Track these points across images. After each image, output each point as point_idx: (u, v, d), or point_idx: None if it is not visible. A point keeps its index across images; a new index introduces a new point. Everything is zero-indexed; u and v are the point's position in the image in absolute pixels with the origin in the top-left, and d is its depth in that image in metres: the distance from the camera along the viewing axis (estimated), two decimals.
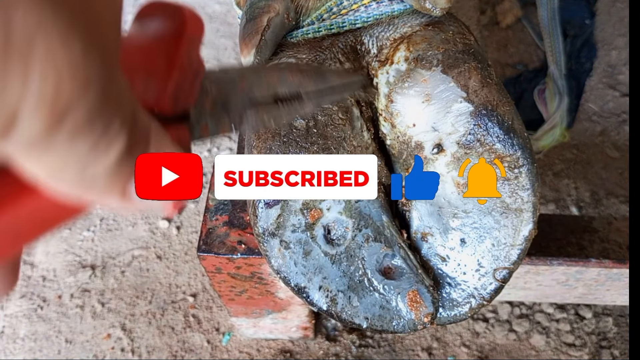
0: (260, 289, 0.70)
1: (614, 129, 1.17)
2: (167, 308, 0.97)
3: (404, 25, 0.52)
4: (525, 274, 0.70)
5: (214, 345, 0.93)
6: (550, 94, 1.17)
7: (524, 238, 0.48)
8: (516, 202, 0.47)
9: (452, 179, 0.49)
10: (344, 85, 0.32)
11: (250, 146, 0.51)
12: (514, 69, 1.28)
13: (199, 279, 1.00)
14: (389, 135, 0.52)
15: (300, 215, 0.48)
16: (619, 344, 0.91)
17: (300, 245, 0.48)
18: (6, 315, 0.97)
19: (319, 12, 0.52)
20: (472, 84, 0.47)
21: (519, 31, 1.34)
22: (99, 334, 0.94)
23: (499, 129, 0.46)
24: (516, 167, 0.47)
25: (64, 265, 1.02)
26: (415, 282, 0.48)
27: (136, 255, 1.03)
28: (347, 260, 0.49)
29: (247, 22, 0.52)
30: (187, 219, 1.07)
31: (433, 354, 0.91)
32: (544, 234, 0.68)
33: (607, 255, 0.66)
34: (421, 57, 0.49)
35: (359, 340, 0.92)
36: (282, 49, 0.54)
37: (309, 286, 0.48)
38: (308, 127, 0.49)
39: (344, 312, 0.48)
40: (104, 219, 1.08)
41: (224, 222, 0.64)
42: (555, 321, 0.93)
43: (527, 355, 0.91)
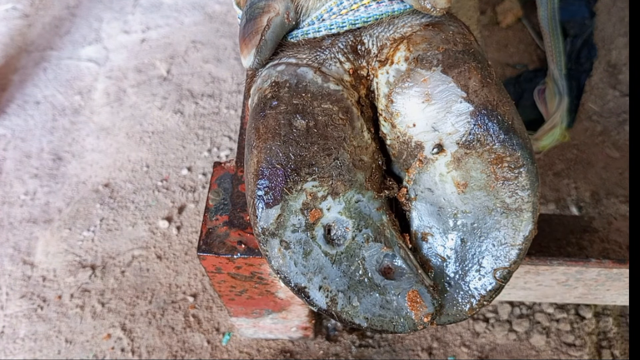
0: (260, 289, 0.70)
1: (614, 129, 1.17)
2: (167, 308, 0.97)
3: (404, 25, 0.52)
4: (525, 274, 0.70)
5: (214, 345, 0.93)
6: (550, 94, 1.17)
7: (524, 238, 0.48)
8: (516, 202, 0.47)
9: (452, 179, 0.49)
10: None
11: (250, 146, 0.51)
12: (514, 69, 1.28)
13: (199, 279, 1.00)
14: (389, 135, 0.52)
15: (300, 215, 0.48)
16: (619, 344, 0.91)
17: (301, 245, 0.48)
18: (6, 315, 0.97)
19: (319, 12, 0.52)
20: (472, 84, 0.47)
21: (519, 31, 1.34)
22: (99, 334, 0.94)
23: (499, 129, 0.46)
24: (516, 167, 0.46)
25: (64, 265, 1.02)
26: (415, 282, 0.48)
27: (136, 255, 1.03)
28: (347, 261, 0.49)
29: (247, 22, 0.52)
30: (187, 219, 1.07)
31: (433, 354, 0.91)
32: (544, 234, 0.68)
33: (607, 255, 0.66)
34: (421, 57, 0.49)
35: (359, 340, 0.92)
36: (282, 49, 0.54)
37: (309, 286, 0.48)
38: (308, 127, 0.49)
39: (344, 312, 0.48)
40: (104, 219, 1.08)
41: (224, 222, 0.64)
42: (555, 321, 0.93)
43: (527, 355, 0.91)
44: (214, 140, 1.19)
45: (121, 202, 1.10)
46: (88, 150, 1.18)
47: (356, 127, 0.51)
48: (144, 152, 1.18)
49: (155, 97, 1.27)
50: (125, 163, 1.16)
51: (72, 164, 1.16)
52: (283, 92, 0.50)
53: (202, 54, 1.35)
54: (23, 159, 1.17)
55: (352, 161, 0.50)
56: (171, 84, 1.29)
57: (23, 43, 1.38)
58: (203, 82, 1.29)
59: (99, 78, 1.31)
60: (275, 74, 0.52)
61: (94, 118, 1.24)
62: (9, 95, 1.28)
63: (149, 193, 1.11)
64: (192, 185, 1.12)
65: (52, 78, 1.31)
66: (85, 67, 1.33)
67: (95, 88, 1.29)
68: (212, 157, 1.16)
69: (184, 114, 1.24)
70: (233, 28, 1.40)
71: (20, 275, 1.01)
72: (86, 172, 1.15)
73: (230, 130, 1.21)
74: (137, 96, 1.27)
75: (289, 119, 0.49)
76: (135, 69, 1.32)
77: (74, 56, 1.35)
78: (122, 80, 1.30)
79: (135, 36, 1.39)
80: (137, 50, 1.36)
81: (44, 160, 1.17)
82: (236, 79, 1.29)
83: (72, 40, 1.38)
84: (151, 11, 1.44)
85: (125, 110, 1.25)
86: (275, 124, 0.49)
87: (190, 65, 1.32)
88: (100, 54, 1.36)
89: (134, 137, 1.20)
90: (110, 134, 1.21)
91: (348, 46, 0.53)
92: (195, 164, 1.15)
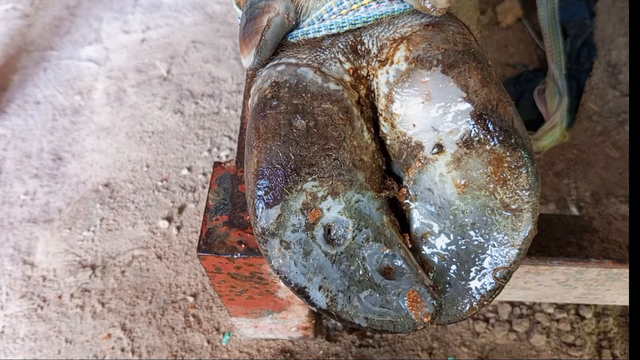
0: (260, 289, 0.70)
1: (614, 129, 1.17)
2: (167, 308, 0.97)
3: (404, 25, 0.52)
4: (525, 274, 0.70)
5: (214, 345, 0.93)
6: (550, 94, 1.17)
7: (523, 238, 0.48)
8: (516, 202, 0.47)
9: (452, 179, 0.49)
10: None
11: (250, 146, 0.51)
12: (514, 69, 1.28)
13: (199, 279, 1.00)
14: (389, 135, 0.52)
15: (300, 215, 0.48)
16: (619, 344, 0.91)
17: (301, 245, 0.48)
18: (6, 315, 0.97)
19: (319, 12, 0.52)
20: (472, 84, 0.47)
21: (519, 31, 1.34)
22: (99, 334, 0.94)
23: (499, 129, 0.46)
24: (516, 167, 0.46)
25: (64, 265, 1.02)
26: (415, 282, 0.48)
27: (136, 255, 1.03)
28: (347, 261, 0.49)
29: (247, 22, 0.52)
30: (187, 219, 1.07)
31: (433, 354, 0.91)
32: (544, 234, 0.68)
33: (607, 255, 0.66)
34: (421, 57, 0.49)
35: (359, 340, 0.92)
36: (282, 49, 0.54)
37: (309, 286, 0.48)
38: (308, 127, 0.49)
39: (344, 312, 0.48)
40: (104, 219, 1.08)
41: (224, 222, 0.64)
42: (555, 321, 0.93)
43: (527, 355, 0.91)
44: (214, 140, 1.19)
45: (121, 202, 1.10)
46: (88, 150, 1.18)
47: (356, 127, 0.51)
48: (144, 152, 1.18)
49: (155, 97, 1.27)
50: (125, 163, 1.16)
51: (72, 164, 1.16)
52: (283, 92, 0.50)
53: (202, 54, 1.35)
54: (23, 159, 1.17)
55: (352, 161, 0.49)
56: (171, 84, 1.29)
57: (23, 43, 1.38)
58: (203, 82, 1.29)
59: (99, 78, 1.31)
60: (276, 74, 0.52)
61: (94, 118, 1.24)
62: (9, 95, 1.28)
63: (149, 193, 1.11)
64: (192, 185, 1.12)
65: (52, 78, 1.31)
66: (85, 67, 1.33)
67: (95, 88, 1.29)
68: (212, 157, 1.16)
69: (184, 114, 1.24)
70: (233, 28, 1.40)
71: (20, 275, 1.01)
72: (86, 172, 1.15)
73: (230, 130, 1.21)
74: (137, 96, 1.27)
75: (289, 119, 0.49)
76: (135, 69, 1.32)
77: (74, 56, 1.35)
78: (122, 80, 1.30)
79: (135, 36, 1.39)
80: (137, 50, 1.36)
81: (44, 160, 1.17)
82: (236, 79, 1.29)
83: (72, 40, 1.38)
84: (151, 11, 1.44)
85: (125, 110, 1.25)
86: (275, 124, 0.49)
87: (190, 65, 1.32)
88: (100, 54, 1.36)
89: (134, 137, 1.20)
90: (110, 134, 1.21)
91: (348, 46, 0.53)
92: (195, 164, 1.15)
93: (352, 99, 0.51)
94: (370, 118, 0.53)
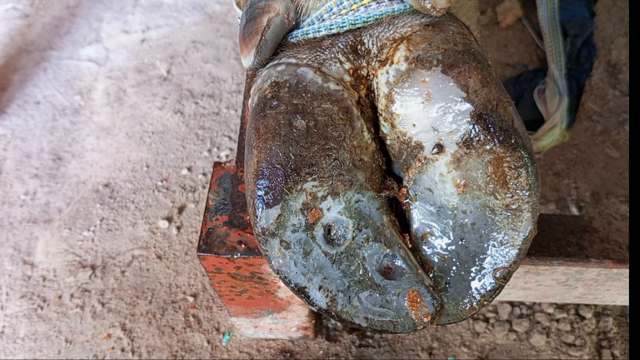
0: (260, 289, 0.70)
1: (614, 129, 1.17)
2: (167, 308, 0.97)
3: (404, 25, 0.52)
4: (525, 274, 0.70)
5: (214, 345, 0.93)
6: (550, 94, 1.17)
7: (524, 238, 0.48)
8: (516, 202, 0.47)
9: (452, 179, 0.49)
10: None
11: (250, 146, 0.51)
12: (514, 69, 1.28)
13: (199, 279, 1.00)
14: (389, 135, 0.52)
15: (300, 215, 0.48)
16: (619, 344, 0.91)
17: (301, 245, 0.48)
18: (6, 315, 0.97)
19: (319, 12, 0.52)
20: (472, 84, 0.47)
21: (519, 31, 1.34)
22: (99, 334, 0.94)
23: (499, 129, 0.46)
24: (516, 167, 0.46)
25: (64, 265, 1.02)
26: (415, 282, 0.48)
27: (136, 255, 1.03)
28: (347, 260, 0.49)
29: (247, 22, 0.52)
30: (187, 219, 1.07)
31: (433, 354, 0.91)
32: (544, 234, 0.68)
33: (607, 255, 0.66)
34: (421, 57, 0.49)
35: (359, 340, 0.92)
36: (282, 49, 0.54)
37: (309, 286, 0.48)
38: (308, 127, 0.49)
39: (344, 312, 0.48)
40: (104, 219, 1.08)
41: (224, 222, 0.64)
42: (555, 321, 0.93)
43: (527, 355, 0.91)
44: (214, 140, 1.19)
45: (121, 202, 1.10)
46: (88, 150, 1.18)
47: (356, 127, 0.51)
48: (144, 152, 1.18)
49: (155, 97, 1.27)
50: (125, 163, 1.16)
51: (72, 164, 1.16)
52: (283, 92, 0.50)
53: (202, 54, 1.35)
54: (23, 159, 1.17)
55: (352, 161, 0.49)
56: (171, 84, 1.29)
57: (23, 43, 1.38)
58: (203, 82, 1.29)
59: (99, 78, 1.31)
60: (275, 74, 0.52)
61: (94, 118, 1.24)
62: (9, 95, 1.28)
63: (149, 193, 1.11)
64: (192, 185, 1.12)
65: (52, 78, 1.31)
66: (85, 67, 1.33)
67: (95, 88, 1.29)
68: (212, 157, 1.16)
69: (184, 114, 1.24)
70: (233, 28, 1.40)
71: (20, 275, 1.01)
72: (86, 172, 1.15)
73: (230, 130, 1.21)
74: (137, 96, 1.27)
75: (289, 119, 0.49)
76: (135, 69, 1.32)
77: (74, 56, 1.35)
78: (122, 80, 1.30)
79: (135, 36, 1.39)
80: (137, 50, 1.36)
81: (44, 160, 1.17)
82: (236, 79, 1.29)
83: (72, 40, 1.38)
84: (151, 11, 1.44)
85: (125, 110, 1.25)
86: (275, 124, 0.49)
87: (190, 65, 1.32)
88: (100, 54, 1.36)
89: (134, 137, 1.20)
90: (110, 134, 1.21)
91: (348, 46, 0.53)
92: (195, 164, 1.15)
93: (352, 99, 0.51)
94: (370, 118, 0.53)
